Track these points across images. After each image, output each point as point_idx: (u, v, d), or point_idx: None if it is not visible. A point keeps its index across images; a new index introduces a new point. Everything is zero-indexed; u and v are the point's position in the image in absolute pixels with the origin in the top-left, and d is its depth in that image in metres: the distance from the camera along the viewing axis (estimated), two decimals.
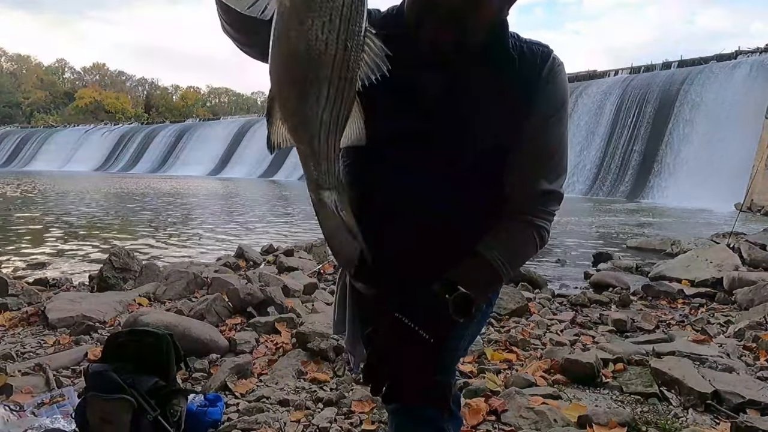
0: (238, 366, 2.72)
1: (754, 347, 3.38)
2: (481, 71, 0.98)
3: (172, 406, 1.95)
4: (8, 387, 2.42)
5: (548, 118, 1.01)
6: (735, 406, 2.45)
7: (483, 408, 2.36)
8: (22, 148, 77.64)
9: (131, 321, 3.08)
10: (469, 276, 0.97)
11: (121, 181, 35.65)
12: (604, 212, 18.94)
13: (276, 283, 4.41)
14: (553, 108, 1.01)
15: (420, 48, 0.95)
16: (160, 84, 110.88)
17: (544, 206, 1.04)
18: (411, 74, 0.96)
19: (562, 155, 1.05)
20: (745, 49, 32.15)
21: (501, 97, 0.98)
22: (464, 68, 0.97)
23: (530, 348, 3.35)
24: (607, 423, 2.24)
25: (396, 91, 0.96)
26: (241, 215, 14.85)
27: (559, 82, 1.02)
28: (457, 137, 1.00)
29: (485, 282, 1.02)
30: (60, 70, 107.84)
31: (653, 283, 5.46)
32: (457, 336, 1.09)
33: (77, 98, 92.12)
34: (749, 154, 24.91)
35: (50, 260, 6.92)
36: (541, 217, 1.03)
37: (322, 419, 2.30)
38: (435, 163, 1.01)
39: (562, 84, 1.03)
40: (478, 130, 0.99)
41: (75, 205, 16.42)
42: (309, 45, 0.61)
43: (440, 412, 1.10)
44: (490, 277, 1.01)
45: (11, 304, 3.94)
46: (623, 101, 34.39)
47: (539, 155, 1.02)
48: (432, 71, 0.97)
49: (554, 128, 1.02)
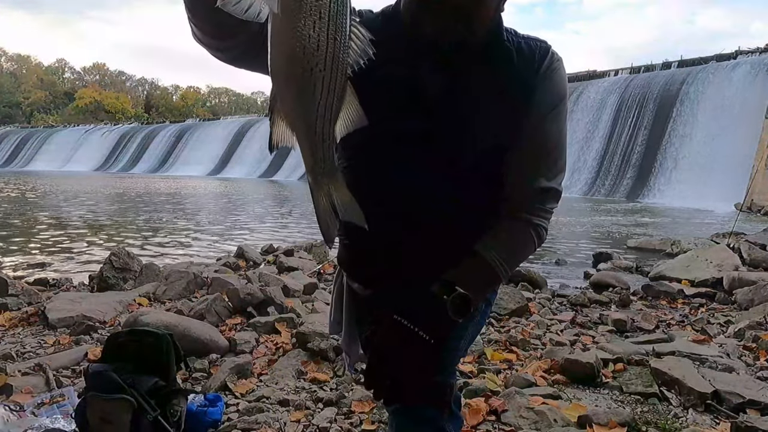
0: (238, 366, 2.72)
1: (754, 347, 3.38)
2: (481, 70, 0.98)
3: (172, 406, 1.95)
4: (8, 387, 2.42)
5: (546, 115, 1.00)
6: (735, 406, 2.45)
7: (483, 408, 2.36)
8: (22, 148, 77.61)
9: (131, 321, 3.08)
10: (467, 276, 0.97)
11: (121, 181, 35.65)
12: (604, 212, 18.93)
13: (276, 283, 4.41)
14: (551, 104, 1.00)
15: (419, 47, 0.95)
16: (160, 84, 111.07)
17: (542, 204, 1.03)
18: (411, 74, 0.96)
19: (561, 152, 1.04)
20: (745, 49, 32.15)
21: (501, 96, 0.98)
22: (464, 67, 0.97)
23: (530, 348, 3.35)
24: (607, 423, 2.24)
25: (396, 91, 0.96)
26: (241, 215, 14.84)
27: (557, 78, 1.01)
28: (458, 137, 0.99)
29: (484, 282, 1.02)
30: (60, 70, 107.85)
31: (653, 283, 5.46)
32: (457, 336, 1.09)
33: (77, 98, 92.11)
34: (749, 154, 24.91)
35: (50, 260, 6.92)
36: (539, 216, 1.03)
37: (322, 419, 2.30)
38: (435, 163, 1.00)
39: (561, 80, 1.02)
40: (479, 130, 0.99)
41: (75, 205, 16.41)
42: (303, 44, 0.66)
43: (441, 412, 1.10)
44: (488, 277, 1.01)
45: (11, 304, 3.94)
46: (623, 101, 34.38)
47: (538, 152, 1.01)
48: (432, 71, 0.96)
49: (553, 124, 1.01)
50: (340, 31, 0.67)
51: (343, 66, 0.69)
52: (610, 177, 32.45)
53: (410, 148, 1.00)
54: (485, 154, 1.01)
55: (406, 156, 1.00)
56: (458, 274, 0.97)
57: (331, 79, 0.69)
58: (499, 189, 1.03)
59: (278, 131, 0.76)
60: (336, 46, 0.67)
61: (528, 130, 0.99)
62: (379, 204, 1.03)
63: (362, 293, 1.15)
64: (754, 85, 28.60)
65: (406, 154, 1.00)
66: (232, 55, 0.88)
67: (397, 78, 0.96)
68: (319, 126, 0.73)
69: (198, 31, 0.84)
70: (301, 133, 0.75)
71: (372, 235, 0.92)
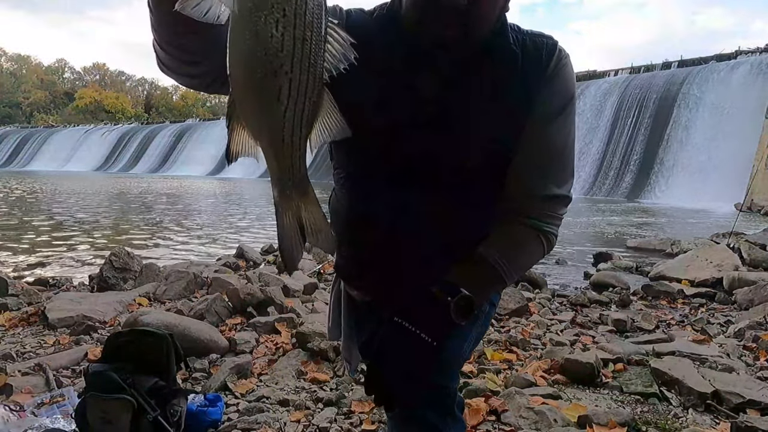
0: (238, 366, 2.72)
1: (754, 347, 3.38)
2: (485, 70, 0.94)
3: (172, 406, 1.95)
4: (8, 387, 2.42)
5: (555, 117, 0.95)
6: (735, 406, 2.45)
7: (483, 408, 2.36)
8: (22, 148, 77.68)
9: (131, 321, 3.08)
10: (470, 278, 0.95)
11: (121, 181, 35.65)
12: (604, 212, 18.93)
13: (276, 283, 4.41)
14: (559, 105, 0.95)
15: (420, 47, 0.92)
16: (160, 84, 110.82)
17: (551, 210, 0.99)
18: (410, 75, 0.93)
19: (569, 155, 0.99)
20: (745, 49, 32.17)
21: (505, 96, 0.94)
22: (467, 67, 0.94)
23: (530, 348, 3.35)
24: (607, 423, 2.24)
25: (394, 98, 0.93)
26: (241, 215, 14.84)
27: (564, 77, 0.96)
28: (460, 143, 0.96)
29: (487, 284, 0.99)
30: (60, 70, 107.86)
31: (653, 283, 5.46)
32: (460, 337, 1.07)
33: (77, 98, 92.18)
34: (749, 154, 24.93)
35: (50, 260, 6.91)
36: (548, 222, 0.99)
37: (322, 419, 2.30)
38: (437, 169, 0.97)
39: (568, 78, 0.96)
40: (482, 132, 0.95)
41: (75, 205, 16.40)
42: (265, 43, 0.60)
43: (443, 416, 1.09)
44: (491, 279, 0.98)
45: (11, 304, 3.94)
46: (623, 101, 34.43)
47: (546, 157, 0.97)
48: (433, 71, 0.93)
49: (561, 127, 0.97)
50: (310, 31, 0.61)
51: (316, 69, 0.63)
52: (610, 177, 32.49)
53: (410, 154, 0.97)
54: (489, 155, 0.97)
55: (405, 163, 0.97)
56: (461, 276, 0.94)
57: (300, 83, 0.63)
58: (504, 192, 0.99)
59: (238, 139, 0.69)
60: (306, 48, 0.61)
61: (535, 133, 0.95)
62: (377, 213, 1.00)
63: (361, 299, 1.14)
64: (754, 85, 28.63)
65: (405, 160, 0.97)
66: (202, 82, 0.84)
67: (395, 84, 0.93)
68: (287, 133, 0.66)
69: (163, 56, 0.79)
70: (265, 140, 0.68)
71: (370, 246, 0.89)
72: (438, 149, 0.96)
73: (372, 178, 1.01)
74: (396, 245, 1.02)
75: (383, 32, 0.95)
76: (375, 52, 0.86)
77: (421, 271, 0.98)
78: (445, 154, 0.97)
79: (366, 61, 0.68)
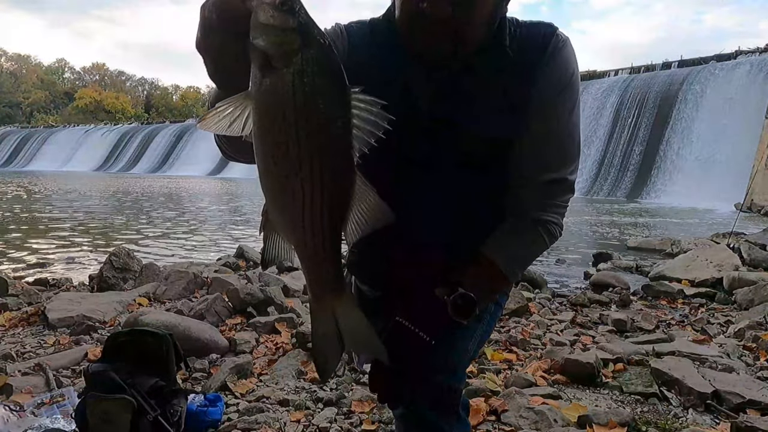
0: (238, 366, 2.72)
1: (754, 347, 3.38)
2: (480, 74, 0.94)
3: (172, 406, 1.95)
4: (8, 387, 2.42)
5: (552, 98, 0.94)
6: (735, 406, 2.45)
7: (483, 408, 2.36)
8: (22, 148, 77.63)
9: (131, 321, 3.08)
10: (472, 278, 0.95)
11: (121, 181, 35.64)
12: (605, 212, 18.92)
13: (276, 283, 4.41)
14: (557, 86, 0.94)
15: (414, 57, 0.93)
16: (160, 84, 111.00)
17: (551, 198, 0.98)
18: (407, 84, 0.94)
19: (568, 138, 0.97)
20: (745, 49, 32.16)
21: (502, 98, 0.94)
22: (463, 72, 0.94)
23: (530, 348, 3.35)
24: (607, 423, 2.24)
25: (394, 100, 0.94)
26: (241, 215, 14.85)
27: (562, 59, 0.94)
28: (460, 140, 0.96)
29: (489, 283, 0.99)
30: (60, 70, 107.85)
31: (653, 283, 5.46)
32: (465, 337, 1.07)
33: (77, 98, 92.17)
34: (749, 154, 24.90)
35: (50, 260, 6.91)
36: (549, 211, 0.97)
37: (322, 419, 2.30)
38: (438, 177, 0.97)
39: (566, 61, 0.95)
40: (482, 134, 0.95)
41: (75, 205, 16.40)
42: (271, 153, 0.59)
43: (447, 416, 1.09)
44: (494, 278, 0.98)
45: (11, 304, 3.94)
46: (623, 101, 34.40)
47: (542, 139, 0.95)
48: (428, 79, 0.94)
49: (559, 108, 0.95)
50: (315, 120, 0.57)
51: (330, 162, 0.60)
52: (610, 177, 32.47)
53: (410, 163, 0.97)
54: (489, 156, 0.97)
55: (407, 173, 0.97)
56: (464, 276, 0.95)
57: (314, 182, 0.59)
58: (506, 190, 0.99)
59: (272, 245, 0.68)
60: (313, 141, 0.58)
61: (533, 118, 0.93)
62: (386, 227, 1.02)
63: (371, 295, 1.14)
64: (754, 84, 28.61)
65: (407, 171, 0.97)
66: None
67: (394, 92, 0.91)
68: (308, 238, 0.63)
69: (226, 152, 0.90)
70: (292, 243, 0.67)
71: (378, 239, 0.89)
72: (440, 150, 0.97)
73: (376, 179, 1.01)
74: (402, 243, 1.02)
75: (381, 48, 0.96)
76: (374, 69, 0.89)
77: (427, 270, 0.99)
78: (447, 155, 0.97)
79: (367, 78, 0.69)
